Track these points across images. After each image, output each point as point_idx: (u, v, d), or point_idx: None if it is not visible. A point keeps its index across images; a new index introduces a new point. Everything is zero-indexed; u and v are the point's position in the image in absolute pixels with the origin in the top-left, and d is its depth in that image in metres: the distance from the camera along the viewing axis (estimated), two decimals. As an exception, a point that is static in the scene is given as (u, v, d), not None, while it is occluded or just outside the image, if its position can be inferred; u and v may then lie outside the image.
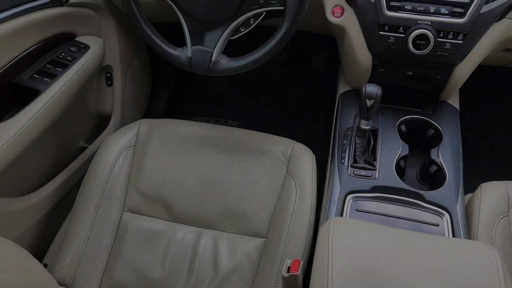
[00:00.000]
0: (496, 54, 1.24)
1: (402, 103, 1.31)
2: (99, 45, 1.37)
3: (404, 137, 1.24)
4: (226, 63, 1.07)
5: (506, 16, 1.10)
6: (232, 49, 1.13)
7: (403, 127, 1.27)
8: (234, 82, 2.12)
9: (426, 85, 1.26)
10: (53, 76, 1.20)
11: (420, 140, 1.27)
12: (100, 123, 1.56)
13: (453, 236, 0.99)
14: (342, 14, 1.19)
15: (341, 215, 1.03)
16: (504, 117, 1.89)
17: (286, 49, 2.09)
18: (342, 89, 1.41)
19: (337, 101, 1.38)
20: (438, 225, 1.01)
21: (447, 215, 1.02)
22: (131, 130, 1.24)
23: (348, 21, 1.19)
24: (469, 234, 1.04)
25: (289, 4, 0.98)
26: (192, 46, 1.07)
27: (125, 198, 1.13)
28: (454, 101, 1.33)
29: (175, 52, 1.09)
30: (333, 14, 1.20)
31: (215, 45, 1.06)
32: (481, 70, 1.44)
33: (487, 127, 1.88)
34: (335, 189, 1.10)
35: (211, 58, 1.07)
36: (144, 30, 1.08)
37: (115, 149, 1.19)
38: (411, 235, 0.77)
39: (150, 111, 1.89)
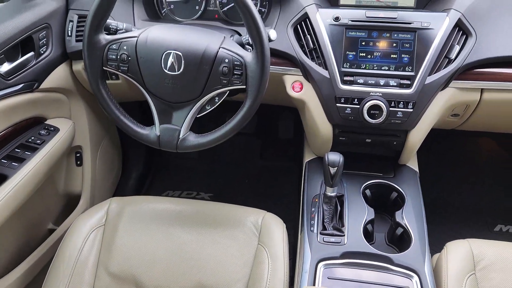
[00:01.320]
0: (445, 119, 1.34)
1: (365, 169, 1.37)
2: (68, 127, 1.40)
3: (369, 201, 1.29)
4: (194, 139, 1.11)
5: (449, 86, 1.21)
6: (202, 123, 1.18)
7: (367, 192, 1.32)
8: (205, 155, 2.17)
9: (385, 151, 1.33)
10: (22, 160, 1.21)
11: (385, 204, 1.32)
12: (69, 204, 1.55)
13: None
14: (301, 88, 1.28)
15: (314, 284, 1.04)
16: (459, 176, 1.99)
17: (254, 121, 2.18)
18: (307, 157, 1.47)
19: (303, 170, 1.44)
20: (408, 288, 1.02)
21: (416, 277, 1.04)
22: (100, 210, 1.23)
23: (307, 95, 1.28)
24: (438, 294, 1.06)
25: (250, 83, 1.05)
26: (160, 124, 1.12)
27: (95, 280, 1.10)
28: (413, 164, 1.40)
29: (143, 131, 1.13)
30: (293, 89, 1.29)
31: (182, 123, 1.11)
32: (436, 133, 1.54)
33: (445, 187, 1.96)
34: (306, 258, 1.11)
35: (179, 135, 1.11)
36: (113, 111, 1.12)
37: (84, 230, 1.17)
38: None
39: (121, 189, 1.89)
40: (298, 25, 1.26)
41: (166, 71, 1.06)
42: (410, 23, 1.19)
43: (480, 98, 1.24)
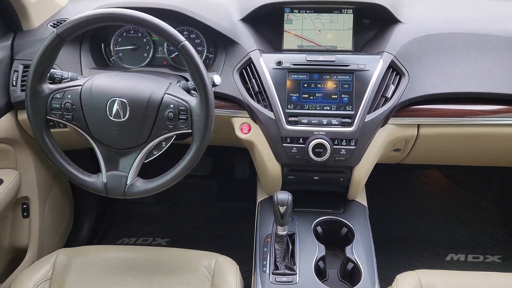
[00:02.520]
0: (388, 153, 1.40)
1: (316, 206, 1.40)
2: (13, 178, 1.36)
3: (321, 238, 1.31)
4: (141, 185, 1.11)
5: (388, 122, 1.28)
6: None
7: (319, 229, 1.34)
8: (161, 199, 2.14)
9: (333, 187, 1.37)
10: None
11: (337, 239, 1.34)
12: (15, 258, 1.48)
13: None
14: (249, 130, 1.31)
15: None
16: (409, 209, 2.06)
17: (209, 163, 2.19)
18: (260, 197, 1.48)
19: (256, 209, 1.45)
20: (359, 323, 1.03)
21: (366, 311, 1.06)
22: (47, 263, 1.19)
23: (255, 136, 1.31)
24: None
25: (196, 127, 1.07)
26: (107, 171, 1.11)
27: None
28: (362, 199, 1.44)
29: (89, 179, 1.12)
30: (242, 131, 1.32)
31: (130, 169, 1.11)
32: (384, 167, 1.60)
33: (396, 220, 2.02)
34: (259, 299, 1.10)
35: (126, 182, 1.10)
36: (57, 160, 1.11)
37: (29, 286, 1.12)
38: None
39: (73, 240, 1.82)
40: (243, 70, 1.31)
41: (111, 118, 1.07)
42: (347, 65, 1.26)
43: (418, 133, 1.31)
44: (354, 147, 1.24)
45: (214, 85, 1.16)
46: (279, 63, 1.27)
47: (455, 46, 1.31)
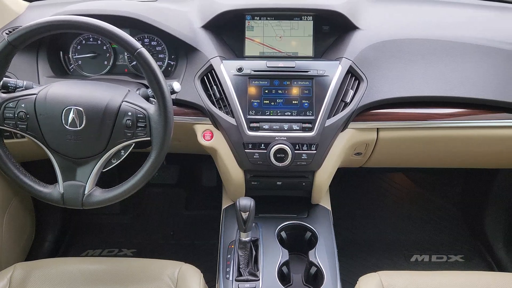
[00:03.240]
0: (349, 157, 1.42)
1: (280, 211, 1.40)
2: None
3: (285, 243, 1.31)
4: (100, 194, 1.09)
5: (348, 127, 1.30)
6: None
7: (283, 234, 1.34)
8: (127, 209, 2.11)
9: (297, 192, 1.38)
10: None
11: (301, 244, 1.34)
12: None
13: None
14: (212, 137, 1.31)
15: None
16: (374, 212, 2.10)
17: (176, 171, 2.17)
18: (225, 204, 1.48)
19: (221, 216, 1.44)
20: (321, 326, 1.04)
21: (328, 314, 1.07)
22: (3, 277, 1.15)
23: (217, 143, 1.31)
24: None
25: (154, 135, 1.06)
26: (64, 181, 1.09)
27: None
28: (326, 203, 1.46)
29: (46, 190, 1.09)
30: (204, 138, 1.32)
31: (88, 178, 1.09)
32: (346, 171, 1.63)
33: (363, 223, 2.05)
34: (221, 307, 1.10)
35: (84, 192, 1.08)
36: (11, 171, 1.08)
37: None
38: None
39: (34, 253, 1.77)
40: (204, 77, 1.31)
41: (67, 127, 1.05)
42: (307, 71, 1.28)
43: (377, 137, 1.34)
44: (315, 151, 1.25)
45: (173, 92, 1.16)
46: (239, 69, 1.28)
47: (411, 52, 1.35)
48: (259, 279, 1.16)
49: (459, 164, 1.61)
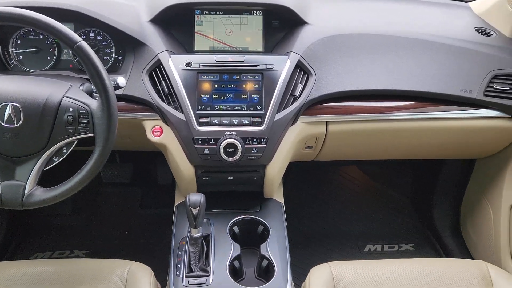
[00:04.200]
0: (301, 151, 1.44)
1: (232, 206, 1.40)
2: None
3: (238, 237, 1.31)
4: (41, 194, 1.05)
5: (298, 121, 1.31)
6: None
7: (235, 229, 1.34)
8: (79, 210, 2.04)
9: (249, 186, 1.38)
10: None
11: (253, 238, 1.35)
12: None
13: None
14: (161, 133, 1.29)
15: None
16: (329, 204, 2.14)
17: (130, 170, 2.12)
18: (177, 200, 1.46)
19: (173, 213, 1.42)
20: (270, 318, 1.05)
21: (277, 306, 1.07)
22: None
23: (167, 139, 1.29)
24: (304, 320, 1.10)
25: (98, 131, 1.03)
26: (2, 181, 1.04)
27: None
28: (278, 197, 1.47)
29: None
30: (153, 134, 1.29)
31: (28, 177, 1.04)
32: (300, 165, 1.64)
33: (317, 215, 2.09)
34: (171, 304, 1.08)
35: (24, 191, 1.04)
36: None
37: None
38: None
39: None
40: (152, 72, 1.28)
41: (3, 124, 1.00)
42: (256, 66, 1.28)
43: (326, 130, 1.36)
44: (265, 145, 1.26)
45: (118, 87, 1.13)
46: (188, 64, 1.26)
47: (358, 47, 1.38)
48: (209, 275, 1.15)
49: (407, 156, 1.66)
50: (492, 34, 1.50)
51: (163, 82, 1.26)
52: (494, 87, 1.37)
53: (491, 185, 1.66)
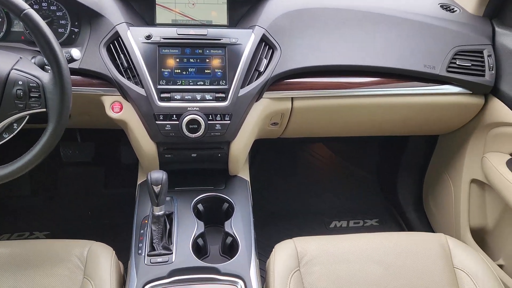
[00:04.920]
0: (266, 128, 1.42)
1: (197, 184, 1.37)
2: None
3: (202, 215, 1.29)
4: None
5: (263, 97, 1.29)
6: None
7: (200, 206, 1.32)
8: (39, 190, 1.97)
9: (213, 164, 1.36)
10: None
11: (219, 216, 1.33)
12: None
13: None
14: (121, 109, 1.24)
15: (139, 309, 0.99)
16: (296, 182, 2.15)
17: (92, 148, 2.05)
18: (140, 179, 1.43)
19: (136, 192, 1.39)
20: (234, 294, 1.04)
21: (241, 283, 1.07)
22: None
23: (127, 115, 1.24)
24: (267, 296, 1.10)
25: (51, 106, 0.98)
26: None
27: None
28: (244, 174, 1.45)
29: None
30: (113, 110, 1.24)
31: None
32: (267, 143, 1.63)
33: (280, 193, 2.09)
34: (132, 283, 1.06)
35: None
36: None
37: None
38: None
39: None
40: (110, 44, 1.22)
41: None
42: (219, 39, 1.24)
43: (292, 106, 1.34)
44: (229, 121, 1.23)
45: (72, 60, 1.07)
46: (148, 37, 1.21)
47: (324, 21, 1.36)
48: (172, 253, 1.13)
49: (372, 133, 1.68)
50: (456, 10, 1.50)
51: (121, 55, 1.20)
52: (457, 63, 1.38)
53: (452, 161, 1.70)
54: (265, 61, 1.26)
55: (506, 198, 1.29)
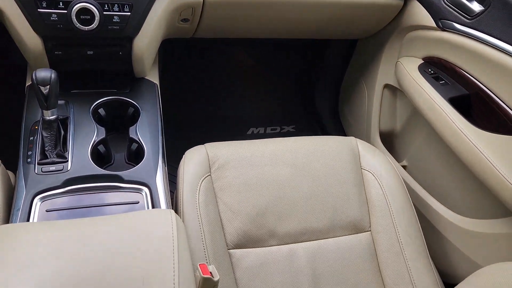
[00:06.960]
0: (175, 25, 1.27)
1: (98, 87, 1.23)
2: None
3: (104, 121, 1.17)
4: None
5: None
6: None
7: (101, 111, 1.19)
8: None
9: (115, 64, 1.21)
10: None
11: (124, 121, 1.22)
12: None
13: (153, 208, 0.97)
14: None
15: (28, 221, 0.90)
16: (213, 88, 2.05)
17: None
18: (29, 80, 1.24)
19: (25, 95, 1.21)
20: (138, 202, 0.97)
21: (146, 190, 1.00)
22: None
23: (3, 1, 1.03)
24: (177, 202, 1.05)
25: None
26: None
27: None
28: (153, 77, 1.32)
29: None
30: (-18, -4, 1.02)
31: None
32: (180, 44, 1.48)
33: (194, 99, 1.99)
34: (20, 194, 0.94)
35: None
36: None
37: None
38: (84, 224, 0.70)
39: None
40: None
41: None
42: None
43: (204, 0, 1.20)
44: (129, 13, 1.07)
45: None
46: None
47: None
48: (67, 161, 1.02)
49: (292, 35, 1.59)
50: None
51: None
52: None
53: (368, 66, 1.69)
54: None
55: (415, 101, 1.31)
